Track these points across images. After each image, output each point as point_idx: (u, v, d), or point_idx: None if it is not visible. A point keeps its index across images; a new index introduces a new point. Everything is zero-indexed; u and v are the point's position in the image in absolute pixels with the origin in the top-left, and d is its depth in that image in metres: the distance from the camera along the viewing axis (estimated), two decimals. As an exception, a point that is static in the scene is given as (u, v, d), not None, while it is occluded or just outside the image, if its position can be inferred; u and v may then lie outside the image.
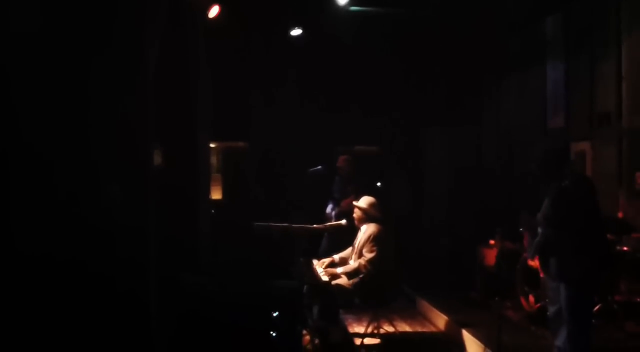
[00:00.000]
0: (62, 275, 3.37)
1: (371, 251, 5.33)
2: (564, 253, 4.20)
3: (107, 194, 3.52)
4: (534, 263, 5.70)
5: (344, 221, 5.84)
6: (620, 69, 6.66)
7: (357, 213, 5.59)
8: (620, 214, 5.96)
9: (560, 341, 4.24)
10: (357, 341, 5.63)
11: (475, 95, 9.98)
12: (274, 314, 4.05)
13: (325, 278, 5.40)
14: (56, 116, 3.45)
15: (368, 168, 9.23)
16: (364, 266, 5.33)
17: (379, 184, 9.74)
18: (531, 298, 5.84)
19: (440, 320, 6.33)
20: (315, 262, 5.79)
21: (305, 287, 5.20)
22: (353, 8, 7.42)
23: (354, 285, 5.40)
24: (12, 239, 3.33)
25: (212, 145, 7.92)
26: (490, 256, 6.65)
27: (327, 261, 5.74)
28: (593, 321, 5.04)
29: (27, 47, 3.40)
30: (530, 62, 8.58)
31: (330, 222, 6.84)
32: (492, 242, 6.67)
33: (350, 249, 5.74)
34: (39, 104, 3.43)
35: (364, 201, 5.59)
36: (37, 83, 3.42)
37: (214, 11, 6.15)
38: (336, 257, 5.77)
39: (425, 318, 6.70)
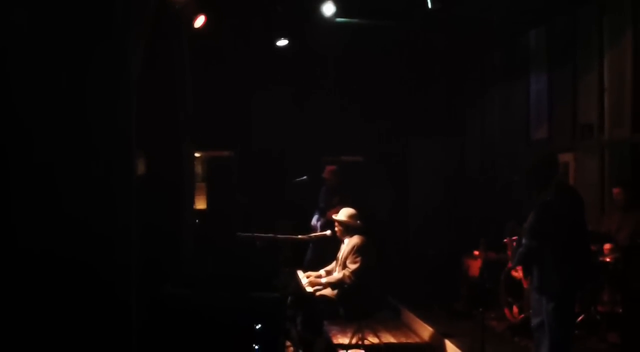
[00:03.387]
0: (45, 277, 3.35)
1: (355, 262, 5.33)
2: (545, 266, 4.22)
3: (88, 200, 3.49)
4: (518, 274, 5.74)
5: (328, 232, 5.83)
6: (603, 81, 6.75)
7: (337, 227, 5.58)
8: (602, 225, 6.01)
9: (542, 352, 4.26)
10: (341, 353, 5.62)
11: (459, 106, 10.06)
12: (257, 327, 4.02)
13: (309, 289, 5.39)
14: (38, 121, 3.43)
15: (354, 178, 9.24)
16: (348, 276, 5.32)
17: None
18: (515, 309, 5.87)
19: (424, 331, 6.34)
20: (300, 273, 5.77)
21: (289, 298, 5.18)
22: (339, 20, 7.44)
23: (338, 296, 5.39)
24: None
25: (197, 154, 7.87)
26: (474, 267, 6.67)
27: (313, 274, 5.73)
28: (576, 331, 5.08)
29: (11, 52, 3.38)
30: (514, 74, 8.67)
31: (316, 232, 6.83)
32: (476, 253, 6.69)
33: (335, 262, 5.73)
34: (18, 108, 3.41)
35: (343, 214, 5.58)
36: (18, 88, 3.40)
37: (199, 21, 6.13)
38: (322, 272, 5.76)
39: (409, 329, 6.70)
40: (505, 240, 6.09)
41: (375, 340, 5.77)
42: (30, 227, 3.37)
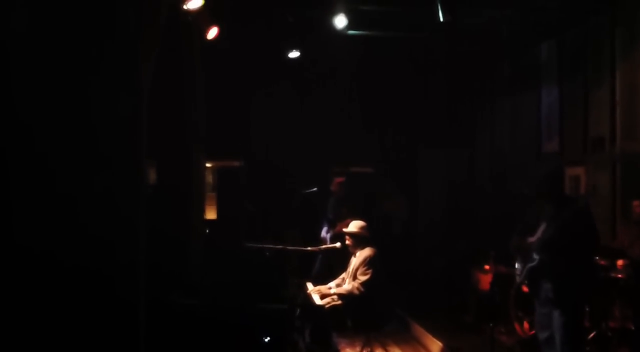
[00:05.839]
0: (50, 279, 3.34)
1: (365, 274, 5.31)
2: (557, 280, 4.19)
3: (97, 205, 3.50)
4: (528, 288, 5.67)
5: (338, 244, 5.81)
6: (615, 94, 6.71)
7: (348, 239, 5.55)
8: (614, 240, 5.95)
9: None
10: (350, 365, 5.57)
11: (469, 117, 10.04)
12: (265, 339, 4.00)
13: (318, 301, 5.36)
14: (50, 125, 3.44)
15: (363, 189, 9.22)
16: (357, 288, 5.30)
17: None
18: (525, 324, 5.79)
19: (433, 345, 6.27)
20: (309, 286, 5.75)
21: (297, 309, 5.15)
22: (351, 32, 7.46)
23: (347, 307, 5.36)
24: (6, 241, 3.30)
25: (208, 164, 7.90)
26: (485, 281, 6.60)
27: (323, 288, 5.71)
28: (587, 348, 5.02)
29: (23, 52, 3.40)
30: (525, 86, 8.64)
31: (325, 244, 6.81)
32: (487, 267, 6.63)
33: (344, 274, 5.70)
34: (32, 112, 3.42)
35: (354, 226, 5.55)
36: (31, 93, 3.41)
37: (212, 33, 6.16)
38: (332, 284, 5.73)
39: (418, 343, 6.64)
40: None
41: (383, 353, 5.72)
42: (39, 235, 3.37)
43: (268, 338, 3.99)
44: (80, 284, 3.40)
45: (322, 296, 5.46)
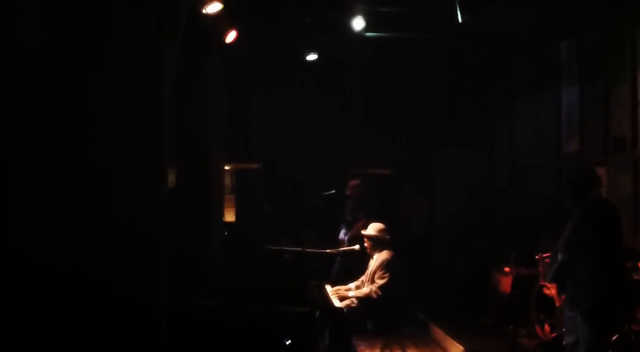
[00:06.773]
0: (73, 288, 3.38)
1: (382, 278, 5.32)
2: (578, 280, 4.15)
3: (121, 210, 3.53)
4: (550, 291, 5.62)
5: (357, 246, 5.81)
6: (636, 94, 6.62)
7: (366, 242, 5.57)
8: (637, 242, 5.87)
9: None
10: (369, 368, 5.57)
11: (488, 117, 9.98)
12: (286, 342, 4.01)
13: (338, 303, 5.37)
14: (75, 133, 3.49)
15: (380, 190, 9.20)
16: (375, 291, 5.30)
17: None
18: (546, 327, 5.74)
19: (453, 347, 6.24)
20: (329, 288, 5.77)
21: (317, 312, 5.16)
22: (368, 34, 7.46)
23: (366, 309, 5.36)
24: (28, 249, 3.34)
25: (226, 167, 7.95)
26: (505, 283, 6.56)
27: (342, 289, 5.72)
28: (610, 351, 4.95)
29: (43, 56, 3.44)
30: (545, 85, 8.56)
31: (343, 246, 6.81)
32: (507, 269, 6.58)
33: (363, 276, 5.71)
34: (60, 122, 3.46)
35: (372, 228, 5.57)
36: (47, 96, 3.44)
37: (231, 36, 6.21)
38: (352, 285, 5.75)
39: (438, 345, 6.61)
40: (537, 256, 5.99)
41: (403, 355, 5.71)
42: (59, 243, 3.39)
43: (289, 341, 4.00)
44: (102, 292, 3.43)
45: (341, 298, 5.48)
